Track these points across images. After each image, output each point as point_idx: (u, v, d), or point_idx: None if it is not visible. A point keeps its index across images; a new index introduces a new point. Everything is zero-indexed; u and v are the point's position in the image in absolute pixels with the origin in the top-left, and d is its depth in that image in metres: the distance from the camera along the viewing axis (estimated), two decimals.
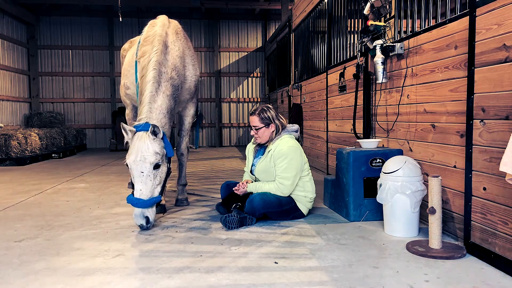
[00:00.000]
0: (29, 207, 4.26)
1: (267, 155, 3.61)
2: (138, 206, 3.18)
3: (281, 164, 3.49)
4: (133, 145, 3.24)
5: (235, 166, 7.69)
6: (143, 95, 3.49)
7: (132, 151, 3.23)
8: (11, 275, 2.42)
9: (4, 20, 10.66)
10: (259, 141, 3.68)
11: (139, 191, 3.20)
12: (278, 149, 3.52)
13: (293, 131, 3.71)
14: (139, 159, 3.19)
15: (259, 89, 13.31)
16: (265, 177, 3.65)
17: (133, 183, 3.30)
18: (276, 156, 3.51)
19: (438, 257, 2.60)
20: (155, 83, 3.53)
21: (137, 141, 3.23)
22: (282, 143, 3.55)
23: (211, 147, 12.89)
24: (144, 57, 3.72)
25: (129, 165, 3.24)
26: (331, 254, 2.71)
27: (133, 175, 3.24)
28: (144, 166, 3.19)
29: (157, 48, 3.67)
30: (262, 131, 3.62)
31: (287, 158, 3.48)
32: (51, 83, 12.47)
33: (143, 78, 3.57)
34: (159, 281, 2.30)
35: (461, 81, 2.87)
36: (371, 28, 3.89)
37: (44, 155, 9.04)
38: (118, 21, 12.00)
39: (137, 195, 3.19)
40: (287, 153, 3.49)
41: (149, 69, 3.56)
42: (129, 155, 3.24)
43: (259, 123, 3.61)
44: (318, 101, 6.56)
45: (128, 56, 4.89)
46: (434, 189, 2.70)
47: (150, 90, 3.49)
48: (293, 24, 8.66)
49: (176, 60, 3.87)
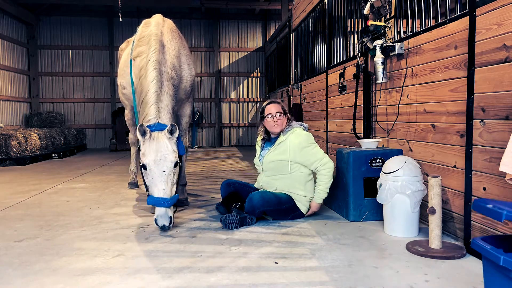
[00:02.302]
0: (29, 207, 4.26)
1: (277, 146, 3.66)
2: (164, 206, 3.16)
3: (311, 151, 3.60)
4: (150, 145, 3.23)
5: (235, 166, 7.69)
6: (147, 95, 3.45)
7: (150, 151, 3.21)
8: (11, 275, 2.42)
9: (4, 20, 10.66)
10: (278, 130, 3.71)
11: (162, 190, 3.17)
12: (297, 142, 3.59)
13: (304, 124, 3.87)
14: (160, 159, 3.19)
15: (259, 89, 13.31)
16: (272, 167, 3.67)
17: (147, 184, 3.28)
18: (299, 148, 3.58)
19: (438, 257, 2.60)
20: (158, 83, 3.49)
21: (154, 141, 3.23)
22: (298, 134, 3.65)
23: (211, 147, 12.89)
24: (141, 57, 3.69)
25: (149, 165, 3.20)
26: (331, 254, 2.71)
27: (153, 175, 3.20)
28: (166, 165, 3.20)
29: (154, 48, 3.63)
30: (283, 118, 3.72)
31: (311, 144, 3.64)
32: (51, 83, 12.47)
33: (143, 78, 3.54)
34: (159, 281, 2.30)
35: (461, 81, 2.87)
36: (371, 28, 3.89)
37: (44, 155, 9.04)
38: (118, 21, 12.00)
39: (160, 194, 3.16)
40: (308, 140, 3.64)
41: (150, 68, 3.52)
42: (146, 156, 3.21)
43: (281, 109, 3.73)
44: (318, 101, 6.56)
45: (124, 56, 4.87)
46: (434, 189, 2.70)
47: (154, 89, 3.44)
48: (293, 24, 8.67)
49: (174, 60, 3.85)
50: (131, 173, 5.44)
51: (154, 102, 3.41)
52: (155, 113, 3.38)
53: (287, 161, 3.59)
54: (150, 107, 3.40)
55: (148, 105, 3.41)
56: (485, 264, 1.78)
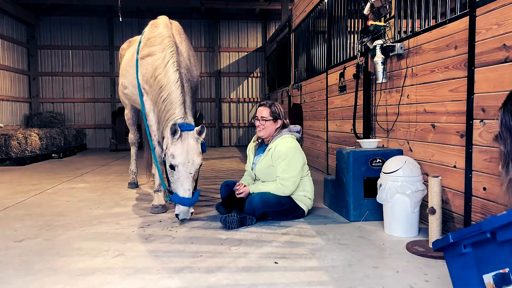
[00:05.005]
0: (29, 207, 4.26)
1: (267, 154, 3.61)
2: (190, 205, 3.36)
3: (280, 165, 3.50)
4: (180, 147, 3.32)
5: (235, 166, 7.69)
6: (171, 95, 3.48)
7: (181, 152, 3.31)
8: (11, 275, 2.42)
9: (4, 20, 10.65)
10: (262, 134, 3.66)
11: (187, 190, 3.35)
12: (277, 149, 3.52)
13: (295, 131, 3.72)
14: (188, 162, 3.33)
15: (259, 89, 13.31)
16: (265, 175, 3.65)
17: (171, 181, 3.42)
18: (276, 156, 3.52)
19: (438, 257, 2.60)
20: (181, 84, 3.55)
21: (185, 142, 3.33)
22: (282, 143, 3.55)
23: (211, 147, 12.88)
24: (153, 57, 3.71)
25: (177, 167, 3.32)
26: (331, 254, 2.71)
27: (179, 176, 3.34)
28: (194, 168, 3.37)
29: (172, 49, 3.67)
30: (268, 123, 3.63)
31: (286, 159, 3.48)
32: (51, 83, 12.46)
33: (162, 77, 3.55)
34: (159, 281, 2.30)
35: (461, 81, 2.87)
36: (371, 28, 3.89)
37: (44, 155, 9.04)
38: (118, 21, 11.98)
39: (186, 194, 3.34)
40: (286, 154, 3.49)
41: (170, 69, 3.55)
42: (176, 157, 3.31)
43: (268, 115, 3.64)
44: (318, 101, 6.56)
45: (127, 56, 4.86)
46: (434, 189, 2.70)
47: (180, 90, 3.50)
48: (293, 24, 8.67)
49: (187, 61, 3.93)
50: (131, 173, 5.43)
51: (182, 102, 3.48)
52: (183, 113, 3.45)
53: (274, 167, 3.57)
54: (177, 107, 3.45)
55: (175, 104, 3.46)
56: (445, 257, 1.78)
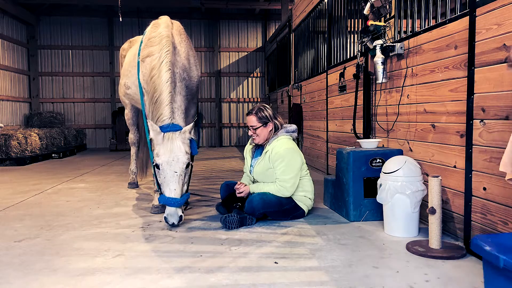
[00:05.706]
0: (29, 207, 4.26)
1: (264, 156, 3.61)
2: (175, 206, 3.27)
3: (279, 166, 3.50)
4: (164, 146, 3.30)
5: (235, 166, 7.69)
6: (161, 95, 3.47)
7: (165, 151, 3.29)
8: (11, 275, 2.42)
9: (4, 20, 10.66)
10: (258, 141, 3.67)
11: (173, 190, 3.28)
12: (275, 151, 3.52)
13: (291, 131, 3.71)
14: (173, 160, 3.28)
15: (259, 89, 13.31)
16: (263, 178, 3.65)
17: (159, 183, 3.37)
18: (274, 158, 3.51)
19: (438, 257, 2.60)
20: (172, 83, 3.53)
21: (169, 142, 3.30)
22: (279, 144, 3.55)
23: (211, 147, 12.89)
24: (151, 57, 3.71)
25: (161, 165, 3.29)
26: (331, 254, 2.71)
27: (165, 175, 3.30)
28: (178, 166, 3.29)
29: (168, 49, 3.66)
30: (260, 130, 3.61)
31: (284, 160, 3.48)
32: (51, 83, 12.47)
33: (156, 78, 3.55)
34: (159, 281, 2.30)
35: (461, 81, 2.87)
36: (371, 28, 3.89)
37: (44, 155, 9.04)
38: (118, 21, 12.00)
39: (172, 194, 3.27)
40: (284, 155, 3.49)
41: (163, 69, 3.55)
42: (160, 156, 3.30)
43: (256, 122, 3.61)
44: (318, 101, 6.56)
45: (129, 56, 4.86)
46: (434, 189, 2.70)
47: (168, 90, 3.48)
48: (293, 24, 8.67)
49: (184, 61, 3.91)
50: (131, 173, 5.43)
51: (169, 102, 3.46)
52: (170, 113, 3.43)
53: (272, 169, 3.57)
54: (164, 107, 3.44)
55: (163, 105, 3.45)
56: (485, 265, 1.78)
